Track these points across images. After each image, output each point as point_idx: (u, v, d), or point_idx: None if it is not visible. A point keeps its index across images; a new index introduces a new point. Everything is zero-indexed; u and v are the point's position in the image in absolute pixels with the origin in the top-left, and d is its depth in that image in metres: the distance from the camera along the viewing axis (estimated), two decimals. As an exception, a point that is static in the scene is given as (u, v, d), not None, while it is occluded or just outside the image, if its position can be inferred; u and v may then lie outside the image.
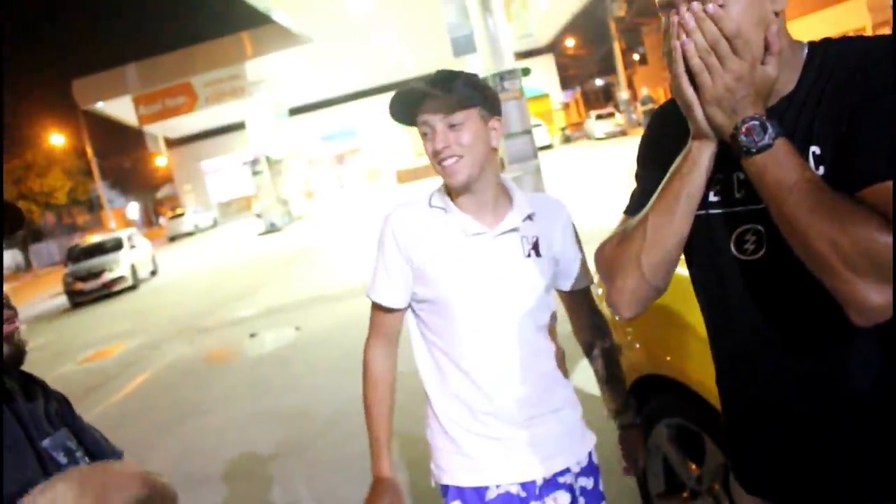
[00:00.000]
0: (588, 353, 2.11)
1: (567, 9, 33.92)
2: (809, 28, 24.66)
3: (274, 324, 10.01)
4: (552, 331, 1.98)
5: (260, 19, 24.14)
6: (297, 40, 27.07)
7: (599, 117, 36.76)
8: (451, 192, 1.86)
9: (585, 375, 2.44)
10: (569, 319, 2.09)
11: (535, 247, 1.88)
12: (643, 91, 27.60)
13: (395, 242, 1.86)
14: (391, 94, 1.79)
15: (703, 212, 1.29)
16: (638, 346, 2.73)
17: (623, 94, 40.71)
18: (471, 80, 1.81)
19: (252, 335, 9.49)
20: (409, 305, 1.93)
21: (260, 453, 5.18)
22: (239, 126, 34.32)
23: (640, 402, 2.53)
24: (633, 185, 1.49)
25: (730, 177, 1.27)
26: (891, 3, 31.06)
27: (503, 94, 14.31)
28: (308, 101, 39.87)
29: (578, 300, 2.05)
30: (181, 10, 75.86)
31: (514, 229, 1.85)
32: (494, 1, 14.75)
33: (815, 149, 1.15)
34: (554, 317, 1.97)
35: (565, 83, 55.99)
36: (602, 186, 16.86)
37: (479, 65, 17.66)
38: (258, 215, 29.59)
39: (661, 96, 69.79)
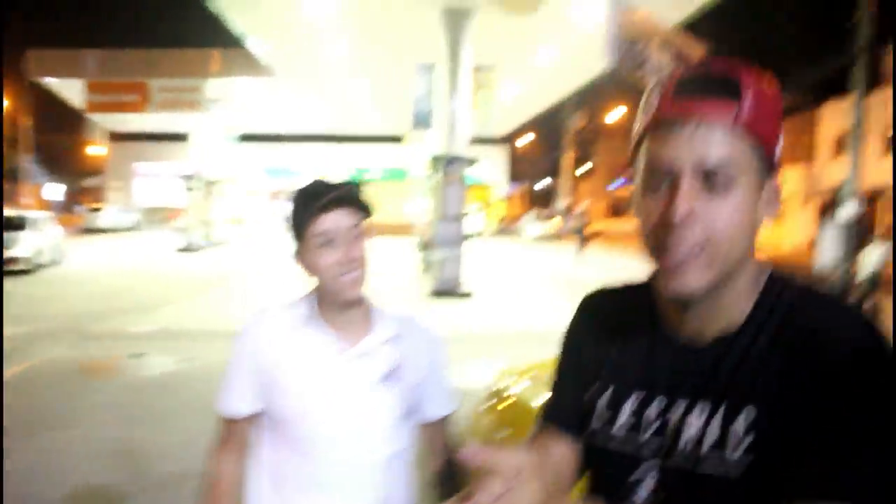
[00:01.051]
0: (434, 484, 1.99)
1: (531, 108, 34.86)
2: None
3: (165, 348, 9.68)
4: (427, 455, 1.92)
5: (232, 41, 24.11)
6: (264, 71, 27.09)
7: (536, 218, 37.55)
8: (321, 304, 1.77)
9: None
10: (425, 448, 1.98)
11: (394, 372, 1.78)
12: (582, 205, 28.29)
13: (251, 348, 1.77)
14: (346, 144, 1.73)
15: (605, 439, 1.16)
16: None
17: (563, 201, 41.76)
18: (360, 190, 1.76)
19: (138, 355, 9.16)
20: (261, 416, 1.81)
21: (103, 493, 4.86)
22: (184, 138, 33.91)
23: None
24: (549, 291, 1.45)
25: (648, 402, 1.12)
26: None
27: (449, 177, 14.61)
28: (261, 131, 39.76)
29: (432, 431, 1.93)
30: (158, 11, 75.40)
31: (374, 351, 1.78)
32: (463, 86, 15.17)
33: (750, 413, 1.00)
34: (413, 445, 1.88)
35: (513, 176, 57.06)
36: (520, 285, 17.09)
37: (433, 141, 18.02)
38: (180, 230, 29.06)
39: (601, 212, 71.68)
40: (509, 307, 13.81)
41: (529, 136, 57.20)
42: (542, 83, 25.97)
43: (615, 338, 1.20)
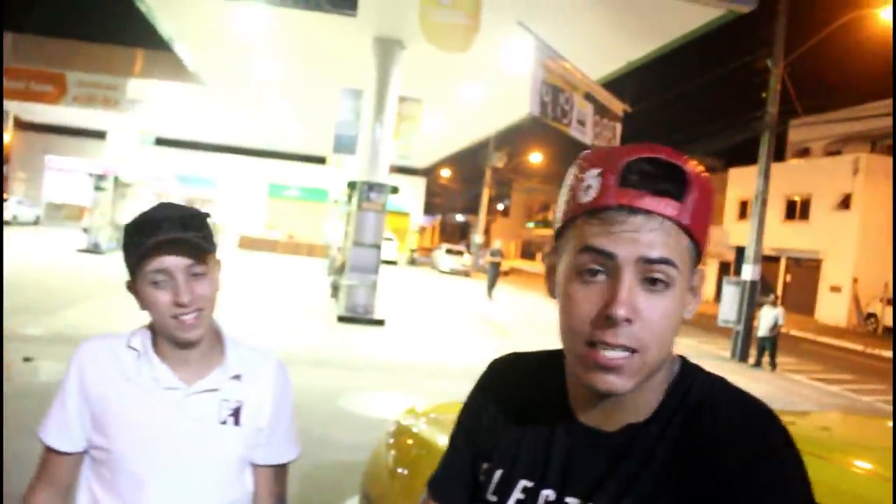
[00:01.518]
0: None
1: (453, 144, 35.27)
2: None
3: (59, 354, 9.33)
4: None
5: (160, 43, 23.67)
6: (189, 77, 26.63)
7: (449, 252, 37.83)
8: (158, 338, 1.63)
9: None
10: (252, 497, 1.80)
11: (236, 413, 1.65)
12: (496, 243, 28.63)
13: (79, 379, 1.62)
14: (266, 159, 1.60)
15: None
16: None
17: (478, 237, 42.27)
18: (208, 222, 1.63)
19: (27, 359, 8.79)
20: (86, 451, 1.65)
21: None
22: (99, 135, 32.95)
23: None
24: (461, 326, 1.44)
25: (537, 493, 1.08)
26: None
27: (367, 203, 14.67)
28: (179, 136, 38.93)
29: (268, 478, 1.78)
30: (86, 2, 73.28)
31: (214, 389, 1.64)
32: (388, 116, 15.31)
33: None
34: (250, 493, 1.75)
35: (429, 208, 57.48)
36: (432, 317, 17.23)
37: (354, 167, 18.08)
38: (85, 230, 28.13)
39: (513, 251, 72.69)
40: (421, 338, 13.91)
41: (447, 172, 57.85)
42: (466, 120, 26.35)
43: (515, 415, 1.16)
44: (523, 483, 1.09)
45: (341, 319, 14.37)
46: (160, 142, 36.26)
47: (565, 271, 1.00)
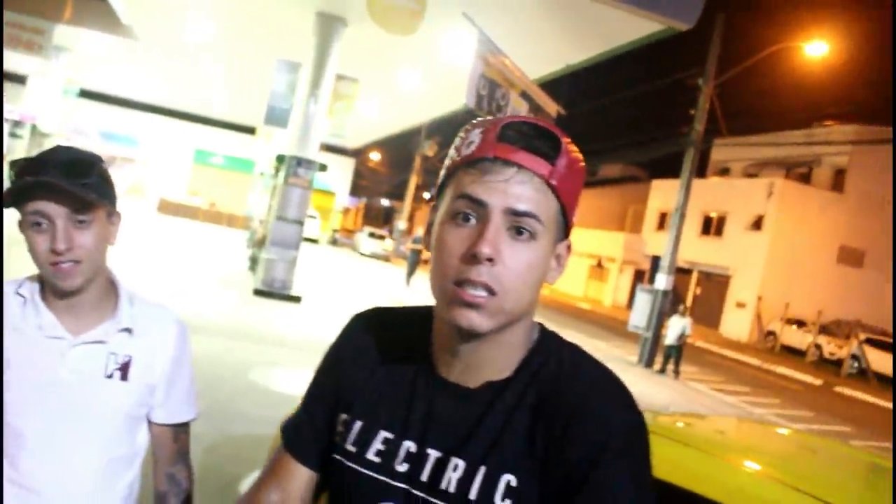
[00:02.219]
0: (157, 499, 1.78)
1: (385, 127, 35.12)
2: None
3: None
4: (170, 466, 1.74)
5: (93, -9, 22.89)
6: (121, 31, 25.76)
7: (372, 235, 37.74)
8: (45, 285, 1.58)
9: None
10: (153, 456, 1.76)
11: (124, 368, 1.60)
12: (419, 231, 28.70)
13: None
14: (194, 125, 1.46)
15: (356, 467, 1.13)
16: None
17: (401, 224, 42.26)
18: (105, 172, 1.56)
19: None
20: None
21: None
22: (19, 80, 31.60)
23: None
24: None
25: (399, 444, 1.11)
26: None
27: (294, 178, 14.52)
28: (106, 91, 37.67)
29: (166, 437, 1.73)
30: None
31: (101, 342, 1.58)
32: (324, 93, 15.16)
33: (510, 478, 1.03)
34: (142, 450, 1.72)
35: (355, 190, 57.18)
36: (350, 298, 17.17)
37: (284, 141, 17.85)
38: (-5, 177, 27.02)
39: (434, 240, 72.84)
40: (337, 318, 13.79)
41: (377, 156, 57.61)
42: (400, 105, 26.28)
43: (377, 367, 1.18)
44: (384, 434, 1.12)
45: (257, 293, 14.21)
46: (85, 94, 35.02)
47: (441, 217, 1.06)
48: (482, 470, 1.04)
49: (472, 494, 1.03)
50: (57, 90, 29.41)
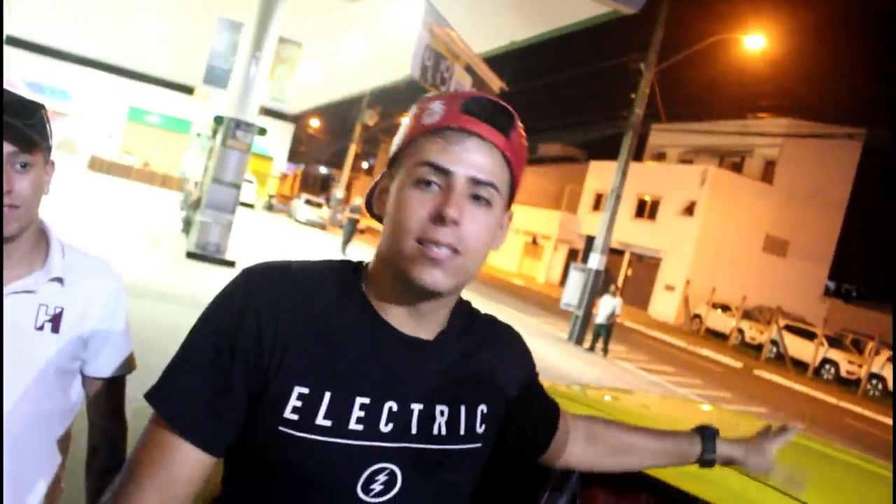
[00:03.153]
0: (89, 461, 1.72)
1: (326, 94, 34.76)
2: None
3: None
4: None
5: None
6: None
7: (308, 203, 37.35)
8: None
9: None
10: (87, 411, 1.70)
11: (55, 320, 1.53)
12: (356, 200, 28.59)
13: None
14: (129, 81, 1.35)
15: (336, 440, 1.06)
16: None
17: (339, 192, 41.93)
18: (46, 119, 1.49)
19: None
20: None
21: None
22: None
23: None
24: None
25: (380, 405, 1.09)
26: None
27: (232, 140, 14.29)
28: (35, 39, 36.17)
29: (100, 392, 1.67)
30: None
31: (30, 291, 1.51)
32: (266, 55, 14.89)
33: (483, 407, 1.22)
34: (73, 408, 1.67)
35: (293, 156, 56.48)
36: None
37: (223, 102, 17.52)
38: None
39: (371, 211, 72.69)
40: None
41: (317, 122, 56.94)
42: (343, 73, 26.04)
43: (311, 329, 1.08)
44: (360, 400, 1.07)
45: (190, 256, 13.98)
46: (11, 41, 33.74)
47: (401, 182, 1.10)
48: (462, 408, 1.19)
49: (461, 431, 1.18)
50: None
